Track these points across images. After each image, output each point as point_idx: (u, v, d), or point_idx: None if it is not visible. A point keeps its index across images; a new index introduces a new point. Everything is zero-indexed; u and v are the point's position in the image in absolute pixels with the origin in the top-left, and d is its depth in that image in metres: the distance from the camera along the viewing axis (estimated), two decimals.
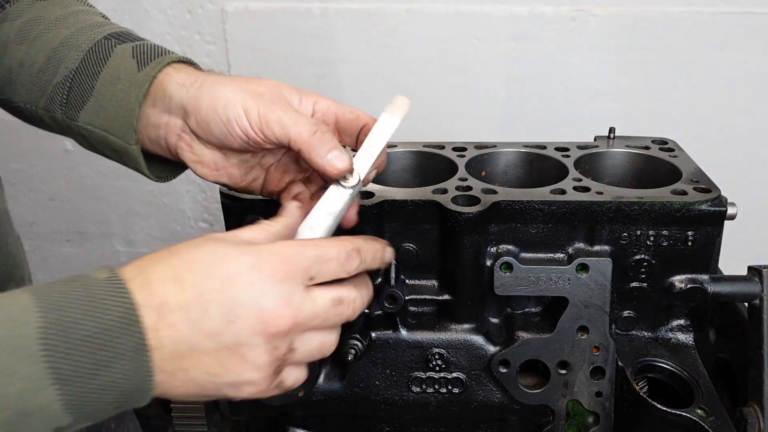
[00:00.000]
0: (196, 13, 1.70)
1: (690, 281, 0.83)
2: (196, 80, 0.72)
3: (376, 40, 1.64)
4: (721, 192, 0.83)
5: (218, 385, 0.57)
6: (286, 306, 0.57)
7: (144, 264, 0.56)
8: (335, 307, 0.61)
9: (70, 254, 2.06)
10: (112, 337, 0.52)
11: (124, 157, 0.78)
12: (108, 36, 0.79)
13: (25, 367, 0.49)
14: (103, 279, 0.54)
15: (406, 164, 1.00)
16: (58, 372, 0.50)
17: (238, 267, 0.56)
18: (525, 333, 0.84)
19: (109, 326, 0.52)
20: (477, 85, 1.65)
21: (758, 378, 0.76)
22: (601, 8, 1.55)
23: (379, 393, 0.86)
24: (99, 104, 0.76)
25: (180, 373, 0.55)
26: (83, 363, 0.51)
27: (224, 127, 0.70)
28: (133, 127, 0.74)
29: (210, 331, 0.55)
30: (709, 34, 1.54)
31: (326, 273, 0.60)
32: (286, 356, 0.59)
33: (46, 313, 0.51)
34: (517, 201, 0.81)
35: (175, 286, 0.55)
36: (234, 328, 0.55)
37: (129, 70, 0.75)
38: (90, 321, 0.51)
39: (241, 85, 0.71)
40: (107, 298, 0.53)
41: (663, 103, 1.62)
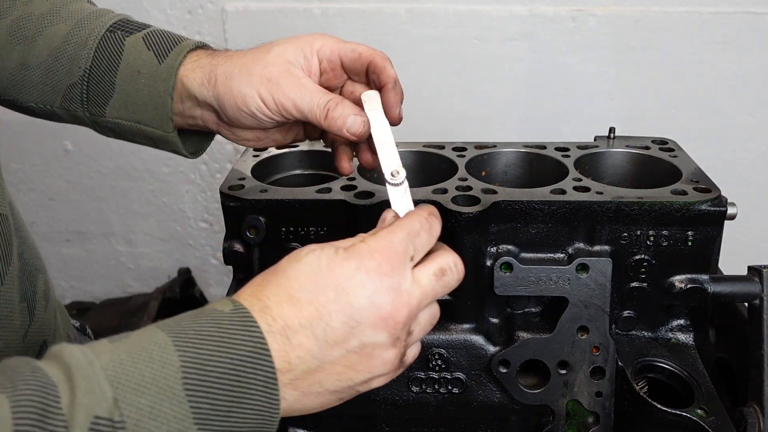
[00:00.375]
0: (196, 13, 1.70)
1: (690, 281, 0.83)
2: (210, 77, 0.76)
3: (376, 40, 1.64)
4: (721, 192, 0.83)
5: (353, 388, 0.59)
6: (398, 296, 0.58)
7: (256, 290, 0.57)
8: (440, 280, 0.61)
9: (70, 254, 2.06)
10: (245, 372, 0.52)
11: (160, 143, 0.81)
12: (111, 28, 0.80)
13: (171, 408, 0.49)
14: (229, 311, 0.54)
15: (406, 164, 1.00)
16: (198, 412, 0.50)
17: (346, 273, 0.57)
18: (525, 333, 0.84)
19: (241, 361, 0.52)
20: (477, 85, 1.65)
21: (758, 378, 0.76)
22: (601, 8, 1.55)
23: (379, 393, 0.86)
24: (125, 99, 0.79)
25: (315, 387, 0.57)
26: (220, 401, 0.51)
27: (252, 118, 0.75)
28: (169, 116, 0.78)
29: (336, 340, 0.56)
30: (709, 34, 1.54)
31: (420, 247, 0.61)
32: (407, 341, 0.60)
33: (183, 351, 0.51)
34: (517, 201, 0.81)
35: (293, 306, 0.56)
36: (357, 332, 0.56)
37: (149, 63, 0.78)
38: (224, 357, 0.52)
39: (250, 73, 0.74)
40: (237, 332, 0.53)
41: (663, 103, 1.62)
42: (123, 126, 0.80)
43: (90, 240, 2.03)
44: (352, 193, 0.85)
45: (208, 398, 0.51)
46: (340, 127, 0.73)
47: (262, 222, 0.84)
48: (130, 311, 1.85)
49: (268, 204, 0.84)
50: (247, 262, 0.86)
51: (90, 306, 1.98)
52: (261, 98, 0.73)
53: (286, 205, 0.84)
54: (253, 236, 0.84)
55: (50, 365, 0.49)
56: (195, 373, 0.50)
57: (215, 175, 1.88)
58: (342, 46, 0.76)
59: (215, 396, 0.51)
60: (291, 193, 0.86)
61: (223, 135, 0.80)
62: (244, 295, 0.57)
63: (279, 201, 0.84)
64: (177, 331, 0.52)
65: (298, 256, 0.59)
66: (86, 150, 1.88)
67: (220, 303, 0.56)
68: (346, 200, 0.83)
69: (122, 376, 0.49)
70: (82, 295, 2.11)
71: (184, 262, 2.01)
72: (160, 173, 1.89)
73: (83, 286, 2.11)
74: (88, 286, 2.11)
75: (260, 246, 0.85)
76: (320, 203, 0.84)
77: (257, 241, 0.85)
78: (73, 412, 0.46)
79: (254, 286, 0.58)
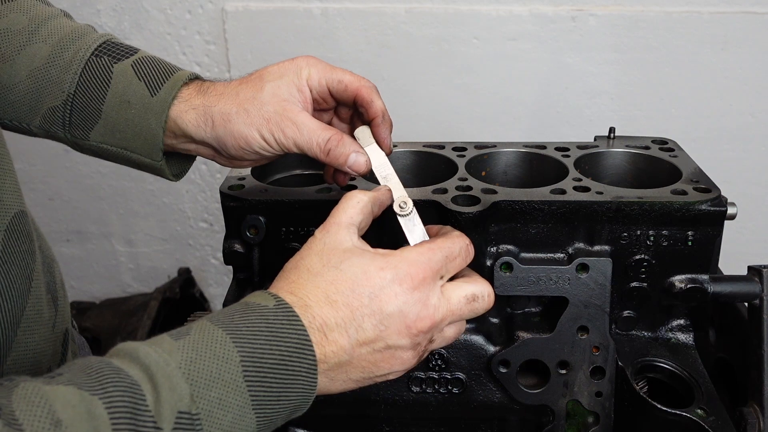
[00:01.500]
0: (196, 13, 1.70)
1: (690, 281, 0.83)
2: (206, 119, 0.77)
3: (376, 40, 1.64)
4: (721, 192, 0.83)
5: (372, 379, 0.66)
6: (425, 309, 0.64)
7: (293, 288, 0.64)
8: (469, 304, 0.67)
9: (70, 254, 2.06)
10: (292, 362, 0.59)
11: (145, 168, 0.82)
12: (96, 52, 0.79)
13: (235, 398, 0.56)
14: (273, 307, 0.61)
15: (406, 164, 1.00)
16: (256, 398, 0.57)
17: (381, 283, 0.63)
18: (525, 333, 0.84)
19: (289, 353, 0.59)
20: (477, 85, 1.65)
21: (758, 378, 0.76)
22: (601, 8, 1.55)
23: (379, 393, 0.86)
24: (111, 126, 0.78)
25: (341, 376, 0.64)
26: (273, 388, 0.58)
27: (255, 155, 0.78)
28: (160, 147, 0.78)
29: (365, 340, 0.63)
30: (709, 34, 1.54)
31: (452, 270, 0.68)
32: (427, 347, 0.67)
33: (241, 347, 0.57)
34: (517, 201, 0.81)
35: (331, 308, 0.62)
36: (384, 335, 0.63)
37: (139, 94, 0.77)
38: (275, 349, 0.58)
39: (248, 114, 0.76)
40: (284, 326, 0.59)
41: (663, 103, 1.62)
42: (107, 150, 0.80)
43: (90, 240, 2.03)
44: None
45: (263, 386, 0.57)
46: (342, 164, 0.76)
47: (262, 222, 0.84)
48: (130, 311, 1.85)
49: (268, 204, 0.84)
50: (247, 262, 0.86)
51: (90, 306, 1.98)
52: (263, 138, 0.76)
53: (286, 205, 0.84)
54: (253, 236, 0.84)
55: (128, 365, 0.53)
56: (252, 366, 0.57)
57: (215, 175, 1.88)
58: (329, 75, 0.79)
59: (269, 384, 0.58)
60: (291, 193, 0.86)
61: (219, 164, 0.82)
62: (282, 291, 0.63)
63: (279, 201, 0.84)
64: (232, 328, 0.58)
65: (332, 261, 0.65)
66: None
67: (262, 297, 0.62)
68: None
69: (194, 373, 0.54)
70: (81, 294, 2.11)
71: (184, 262, 2.01)
72: None
73: (83, 285, 2.11)
74: (87, 286, 2.11)
75: (260, 246, 0.85)
76: (320, 203, 0.84)
77: (257, 241, 0.85)
78: (160, 409, 0.51)
79: (289, 283, 0.64)
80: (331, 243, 0.66)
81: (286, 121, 0.75)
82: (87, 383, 0.50)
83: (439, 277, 0.66)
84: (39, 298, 0.68)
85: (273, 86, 0.77)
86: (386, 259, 0.65)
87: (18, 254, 0.66)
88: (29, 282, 0.67)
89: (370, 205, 0.71)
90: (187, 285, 1.92)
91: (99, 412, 0.49)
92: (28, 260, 0.68)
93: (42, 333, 0.69)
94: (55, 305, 0.73)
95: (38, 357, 0.67)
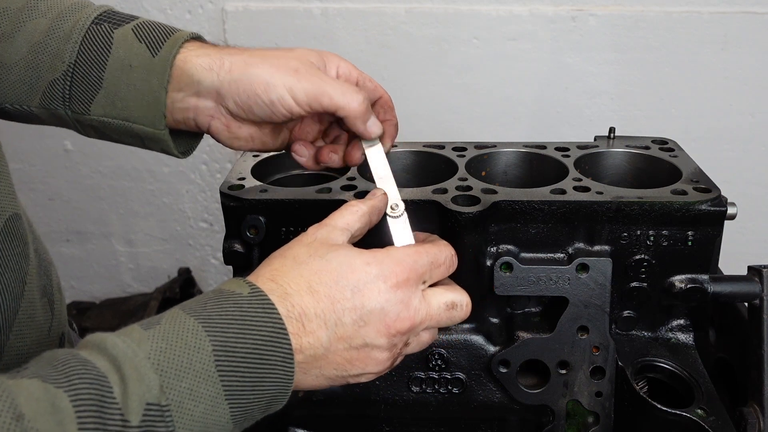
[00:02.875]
0: (196, 13, 1.70)
1: (690, 281, 0.83)
2: (222, 62, 0.73)
3: (376, 40, 1.64)
4: (721, 192, 0.83)
5: (345, 377, 0.64)
6: (406, 310, 0.64)
7: (275, 275, 0.62)
8: (448, 311, 0.67)
9: (69, 254, 2.06)
10: (267, 350, 0.58)
11: (149, 142, 0.78)
12: (97, 20, 0.76)
13: (207, 389, 0.54)
14: (247, 294, 0.59)
15: (406, 164, 1.00)
16: (229, 388, 0.56)
17: (365, 278, 0.63)
18: (525, 333, 0.84)
19: (264, 341, 0.58)
20: (477, 85, 1.65)
21: (758, 378, 0.76)
22: (601, 8, 1.55)
23: (379, 393, 0.86)
24: (113, 95, 0.75)
25: (314, 370, 0.62)
26: (246, 378, 0.57)
27: (268, 108, 0.73)
28: (162, 113, 0.74)
29: (343, 335, 0.62)
30: (709, 34, 1.54)
31: (436, 276, 0.68)
32: (402, 349, 0.67)
33: (213, 336, 0.56)
34: (517, 201, 0.81)
35: (312, 297, 0.61)
36: (363, 332, 0.62)
37: (141, 56, 0.74)
38: (248, 339, 0.57)
39: (274, 64, 0.73)
40: (258, 314, 0.58)
41: (663, 103, 1.62)
42: (109, 124, 0.76)
43: (90, 240, 2.03)
44: (352, 193, 0.85)
45: (236, 376, 0.56)
46: (366, 121, 0.75)
47: (262, 222, 0.84)
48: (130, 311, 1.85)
49: (268, 204, 0.84)
50: (247, 262, 0.86)
51: (90, 306, 1.98)
52: (288, 89, 0.72)
53: (286, 205, 0.84)
54: (253, 236, 0.84)
55: (95, 356, 0.52)
56: (225, 355, 0.55)
57: (215, 175, 1.88)
58: (359, 72, 0.79)
59: (243, 374, 0.56)
60: (291, 193, 0.86)
61: (213, 131, 0.77)
62: (262, 278, 0.62)
63: (279, 201, 0.84)
64: (204, 316, 0.57)
65: (318, 251, 0.64)
66: (86, 150, 1.87)
67: (236, 284, 0.61)
68: (346, 200, 0.83)
69: (164, 364, 0.53)
70: (81, 295, 2.11)
71: (184, 262, 2.02)
72: (160, 173, 1.89)
73: (83, 286, 2.11)
74: (87, 286, 2.11)
75: (260, 246, 0.85)
76: (320, 203, 0.84)
77: (257, 241, 0.85)
78: (127, 401, 0.50)
79: (272, 270, 0.63)
80: (322, 238, 0.66)
81: (315, 73, 0.74)
82: (52, 376, 0.49)
83: (422, 281, 0.66)
84: (32, 301, 0.68)
85: (303, 52, 0.76)
86: (373, 255, 0.64)
87: (11, 258, 0.65)
88: (22, 285, 0.66)
89: (368, 215, 0.71)
90: (187, 285, 1.92)
91: (63, 405, 0.47)
92: (22, 263, 0.67)
93: (35, 337, 0.68)
94: (51, 309, 0.72)
95: None
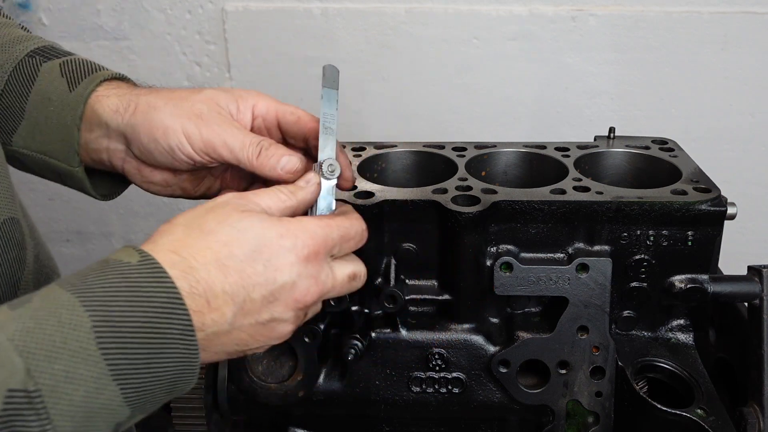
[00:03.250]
0: (196, 13, 1.70)
1: (690, 281, 0.83)
2: (129, 104, 0.72)
3: (376, 40, 1.64)
4: (721, 192, 0.83)
5: (245, 351, 0.63)
6: (315, 284, 0.63)
7: (178, 246, 0.58)
8: (350, 282, 0.68)
9: (70, 254, 2.06)
10: (160, 323, 0.53)
11: (67, 179, 0.77)
12: (32, 53, 0.76)
13: (87, 370, 0.49)
14: (136, 264, 0.55)
15: (406, 164, 1.00)
16: (116, 368, 0.51)
17: (278, 251, 0.60)
18: (525, 333, 0.84)
19: (156, 314, 0.53)
20: (477, 85, 1.65)
21: (758, 378, 0.76)
22: (601, 8, 1.55)
23: (379, 393, 0.86)
24: (33, 127, 0.75)
25: (215, 347, 0.59)
26: (137, 355, 0.52)
27: (167, 154, 0.71)
28: (75, 149, 0.74)
29: (250, 310, 0.59)
30: (709, 34, 1.54)
31: (345, 250, 0.67)
32: (303, 319, 0.66)
33: (93, 311, 0.51)
34: (517, 201, 0.81)
35: (220, 272, 0.57)
36: (272, 307, 0.61)
37: (59, 90, 0.74)
38: (137, 311, 0.52)
39: (177, 107, 0.70)
40: (148, 286, 0.53)
41: (663, 103, 1.62)
42: (29, 157, 0.76)
43: (90, 240, 2.03)
44: (352, 193, 0.85)
45: (124, 354, 0.51)
46: (273, 166, 0.70)
47: None
48: None
49: None
50: None
51: None
52: (186, 134, 0.70)
53: None
54: None
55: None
56: (108, 332, 0.51)
57: None
58: (280, 106, 0.74)
59: (132, 350, 0.51)
60: None
61: (127, 174, 0.76)
62: (163, 250, 0.57)
63: None
64: (83, 289, 0.52)
65: (228, 219, 0.60)
66: None
67: (125, 253, 0.56)
68: (346, 200, 0.83)
69: (32, 345, 0.48)
70: None
71: None
72: None
73: None
74: None
75: None
76: None
77: None
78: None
79: (174, 240, 0.58)
80: (235, 204, 0.62)
81: (217, 120, 0.70)
82: None
83: (332, 255, 0.65)
84: None
85: (212, 93, 0.73)
86: (287, 227, 0.62)
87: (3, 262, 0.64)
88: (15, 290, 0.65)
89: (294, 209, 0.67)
90: None
91: None
92: (16, 268, 0.65)
93: None
94: None
95: None
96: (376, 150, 0.99)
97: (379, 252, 0.84)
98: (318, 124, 0.71)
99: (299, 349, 0.84)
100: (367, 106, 1.68)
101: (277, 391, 0.85)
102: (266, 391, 0.85)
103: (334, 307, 0.80)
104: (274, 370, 0.87)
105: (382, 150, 0.99)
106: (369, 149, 1.00)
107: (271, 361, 0.87)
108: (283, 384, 0.86)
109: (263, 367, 0.87)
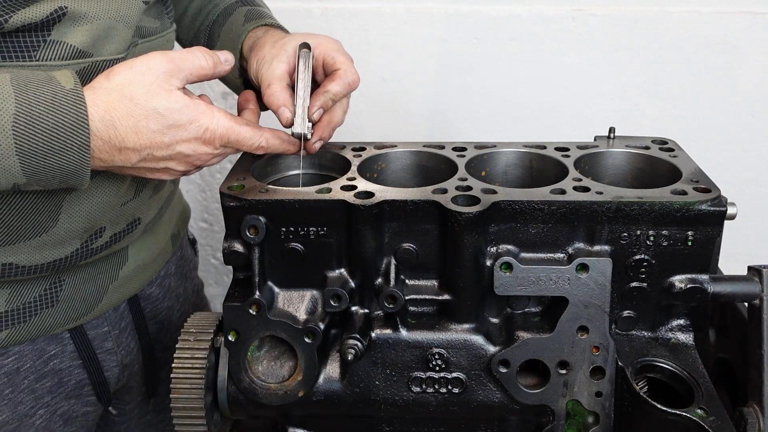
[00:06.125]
0: None
1: (690, 281, 0.83)
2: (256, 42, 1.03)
3: (376, 40, 1.64)
4: (721, 192, 0.83)
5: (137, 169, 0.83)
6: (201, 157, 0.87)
7: (109, 108, 0.76)
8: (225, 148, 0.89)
9: None
10: (65, 133, 0.73)
11: (229, 85, 1.10)
12: (237, 0, 1.13)
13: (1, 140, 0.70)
14: (69, 89, 0.74)
15: (406, 164, 1.00)
16: (20, 147, 0.71)
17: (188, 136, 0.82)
18: (525, 333, 0.84)
19: (65, 125, 0.73)
20: (477, 85, 1.65)
21: (758, 378, 0.76)
22: (601, 8, 1.55)
23: (379, 393, 0.86)
24: (222, 47, 1.08)
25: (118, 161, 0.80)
26: (40, 146, 0.72)
27: None
28: (238, 66, 1.04)
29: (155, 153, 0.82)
30: (709, 34, 1.54)
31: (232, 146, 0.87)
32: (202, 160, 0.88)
33: (20, 103, 0.71)
34: (517, 201, 0.81)
35: (135, 135, 0.78)
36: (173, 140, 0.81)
37: (237, 24, 1.08)
38: (51, 118, 0.72)
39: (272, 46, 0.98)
40: (67, 106, 0.73)
41: (663, 103, 1.62)
42: None
43: None
44: (352, 193, 0.85)
45: (30, 141, 0.71)
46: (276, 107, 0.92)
47: (262, 222, 0.84)
48: None
49: (268, 204, 0.84)
50: (247, 262, 0.86)
51: None
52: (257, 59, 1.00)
53: (286, 205, 0.84)
54: (253, 236, 0.84)
55: None
56: (25, 120, 0.71)
57: (215, 175, 1.88)
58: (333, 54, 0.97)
59: (37, 141, 0.71)
60: (291, 193, 0.86)
61: None
62: (97, 107, 0.76)
63: (279, 201, 0.84)
64: (22, 86, 0.72)
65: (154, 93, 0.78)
66: None
67: (66, 78, 0.75)
68: (346, 200, 0.83)
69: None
70: None
71: None
72: None
73: None
74: None
75: (260, 246, 0.85)
76: (320, 203, 0.84)
77: (257, 241, 0.84)
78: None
79: (108, 103, 0.77)
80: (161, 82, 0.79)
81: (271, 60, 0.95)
82: None
83: (221, 146, 0.85)
84: None
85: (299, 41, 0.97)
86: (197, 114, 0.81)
87: None
88: None
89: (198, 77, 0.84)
90: None
91: None
92: None
93: None
94: None
95: None
96: (376, 150, 0.99)
97: (379, 252, 0.84)
98: None
99: (299, 349, 0.84)
100: (367, 106, 1.68)
101: (277, 391, 0.85)
102: (266, 391, 0.86)
103: (335, 307, 0.80)
104: (274, 370, 0.87)
105: (382, 150, 0.99)
106: (369, 149, 1.00)
107: (271, 361, 0.87)
108: (283, 384, 0.86)
109: (263, 368, 0.87)
